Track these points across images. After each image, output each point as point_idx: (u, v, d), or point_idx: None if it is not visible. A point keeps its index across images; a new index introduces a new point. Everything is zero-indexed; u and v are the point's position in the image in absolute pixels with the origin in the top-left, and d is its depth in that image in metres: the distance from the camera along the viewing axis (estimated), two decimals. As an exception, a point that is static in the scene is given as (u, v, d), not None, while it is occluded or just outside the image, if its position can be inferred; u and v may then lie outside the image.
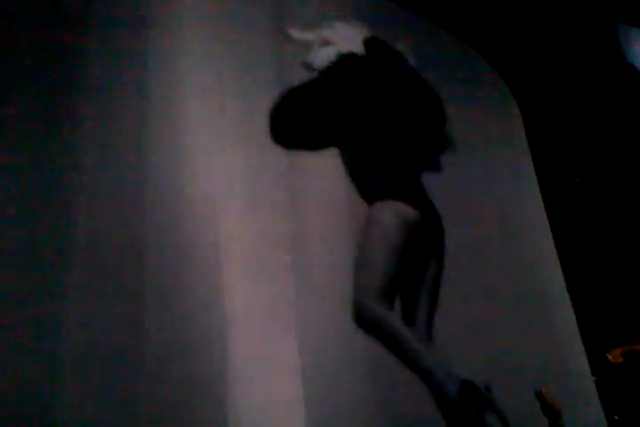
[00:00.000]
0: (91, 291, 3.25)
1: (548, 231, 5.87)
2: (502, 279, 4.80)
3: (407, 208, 2.05)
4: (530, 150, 6.21)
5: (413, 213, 2.05)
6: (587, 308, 6.21)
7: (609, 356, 8.98)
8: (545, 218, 5.92)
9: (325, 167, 2.88)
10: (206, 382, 3.31)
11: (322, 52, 2.17)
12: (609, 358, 8.97)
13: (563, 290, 5.63)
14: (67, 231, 3.38)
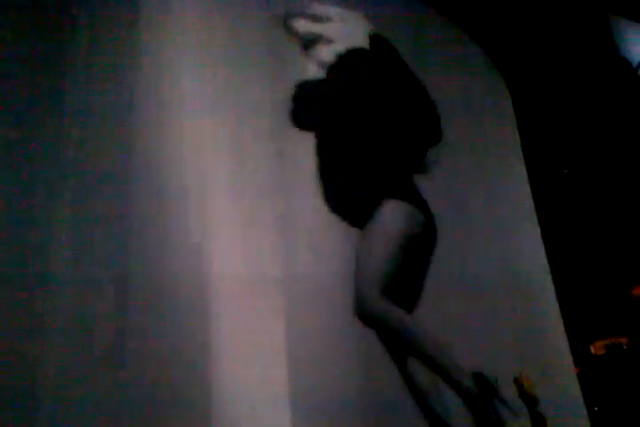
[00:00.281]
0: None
1: (536, 223, 5.88)
2: (487, 271, 4.80)
3: (416, 211, 2.11)
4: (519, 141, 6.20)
5: (421, 217, 2.11)
6: (571, 300, 6.25)
7: (592, 348, 9.05)
8: (533, 209, 5.92)
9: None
10: (190, 361, 3.32)
11: (327, 49, 2.17)
12: (591, 350, 9.05)
13: (548, 282, 5.64)
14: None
